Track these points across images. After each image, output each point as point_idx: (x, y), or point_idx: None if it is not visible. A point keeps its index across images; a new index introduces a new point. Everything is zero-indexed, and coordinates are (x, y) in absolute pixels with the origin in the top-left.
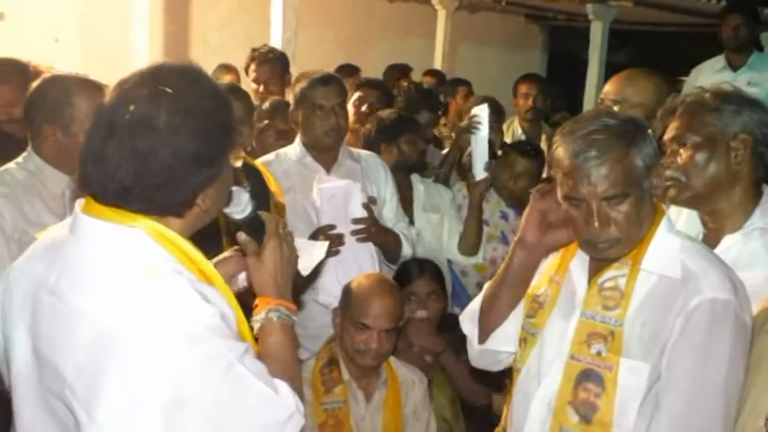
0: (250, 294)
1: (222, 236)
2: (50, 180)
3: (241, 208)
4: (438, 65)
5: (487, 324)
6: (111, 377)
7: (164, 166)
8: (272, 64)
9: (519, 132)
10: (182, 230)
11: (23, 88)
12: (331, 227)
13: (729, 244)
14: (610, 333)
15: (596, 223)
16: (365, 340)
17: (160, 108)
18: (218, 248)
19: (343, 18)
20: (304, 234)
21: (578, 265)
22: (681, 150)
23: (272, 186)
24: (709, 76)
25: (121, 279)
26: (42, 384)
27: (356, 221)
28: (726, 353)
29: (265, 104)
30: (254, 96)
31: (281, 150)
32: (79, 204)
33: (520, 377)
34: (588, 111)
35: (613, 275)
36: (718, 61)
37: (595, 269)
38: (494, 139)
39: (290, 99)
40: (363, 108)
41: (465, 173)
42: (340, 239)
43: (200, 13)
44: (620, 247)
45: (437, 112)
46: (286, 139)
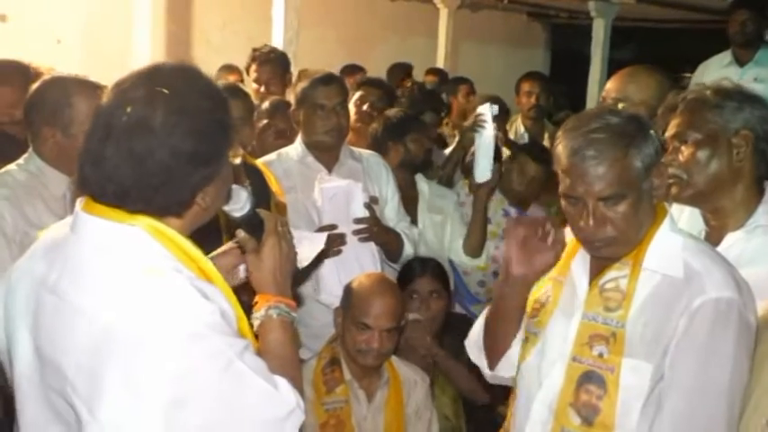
0: (249, 291)
1: (222, 234)
2: (51, 181)
3: (240, 206)
4: (441, 64)
5: (494, 351)
6: (112, 375)
7: (161, 166)
8: (273, 64)
9: (522, 131)
10: (181, 229)
11: (25, 90)
12: (332, 226)
13: (732, 242)
14: (611, 335)
15: (591, 222)
16: (366, 340)
17: (156, 109)
18: (218, 246)
19: (345, 17)
20: None
21: (579, 263)
22: (682, 148)
23: (274, 186)
24: (716, 71)
25: (122, 277)
26: (44, 382)
27: (358, 221)
28: (729, 353)
29: (265, 104)
30: (255, 96)
31: (282, 150)
32: (80, 203)
33: (522, 377)
34: (592, 108)
35: (614, 276)
36: (725, 57)
37: (596, 268)
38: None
39: (291, 99)
40: (365, 107)
41: (468, 172)
42: (341, 239)
43: (203, 12)
44: (616, 246)
45: (440, 112)
46: (285, 139)
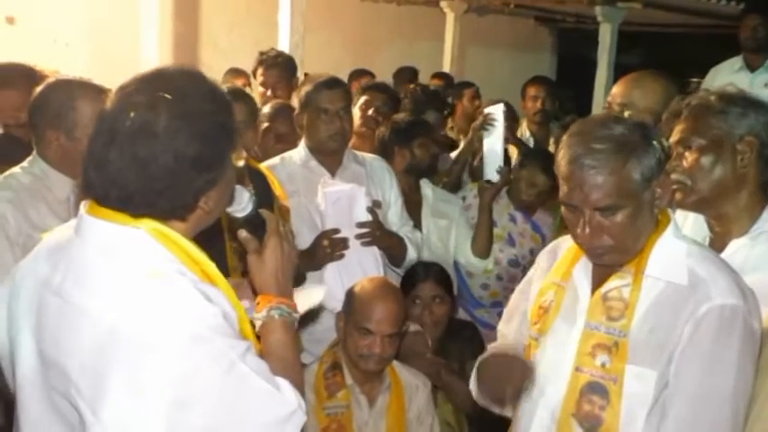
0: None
1: (224, 235)
2: (55, 184)
3: (242, 206)
4: (447, 68)
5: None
6: (116, 376)
7: (165, 171)
8: (280, 68)
9: (527, 135)
10: (185, 232)
11: (30, 93)
12: (335, 231)
13: (736, 248)
14: (614, 344)
15: (588, 231)
16: (368, 345)
17: (159, 114)
18: (221, 248)
19: (351, 22)
20: (308, 239)
21: (581, 270)
22: (686, 153)
23: (277, 190)
24: (727, 76)
25: (126, 279)
26: (47, 384)
27: (360, 225)
28: (734, 360)
29: (266, 108)
30: (262, 100)
31: (285, 154)
32: (84, 206)
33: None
34: (598, 114)
35: (617, 285)
36: (735, 62)
37: (599, 275)
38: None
39: (296, 103)
40: (370, 112)
41: (476, 174)
42: (344, 243)
43: (210, 16)
44: (615, 254)
45: (443, 111)
46: (286, 143)
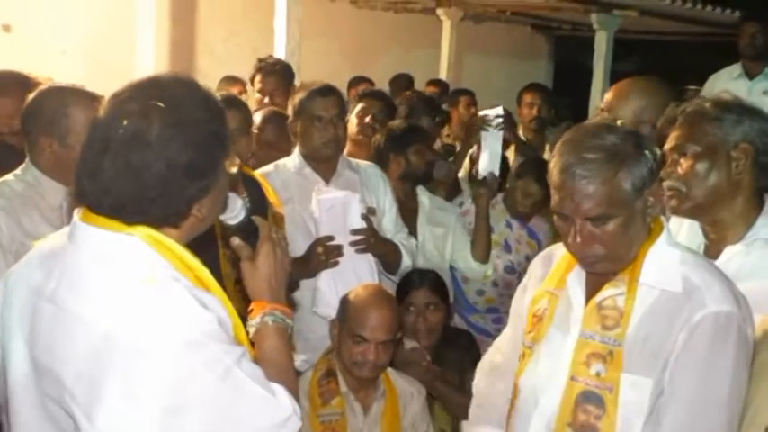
0: (243, 299)
1: (218, 243)
2: (49, 192)
3: (235, 213)
4: (443, 75)
5: None
6: (111, 382)
7: (158, 179)
8: (278, 75)
9: None
10: (178, 239)
11: (24, 101)
12: (330, 238)
13: (731, 255)
14: (609, 353)
15: (579, 240)
16: (362, 352)
17: (152, 122)
18: (214, 255)
19: (348, 29)
20: (303, 246)
21: (575, 278)
22: (681, 160)
23: (271, 197)
24: (726, 83)
25: (120, 286)
26: (40, 390)
27: (355, 232)
28: (729, 367)
29: (256, 115)
30: (259, 107)
31: (279, 161)
32: (77, 213)
33: (519, 392)
34: (591, 122)
35: (612, 294)
36: (734, 69)
37: (593, 284)
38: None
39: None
40: (367, 119)
41: (474, 180)
42: (339, 251)
43: (206, 24)
44: (606, 263)
45: (435, 117)
46: (276, 150)
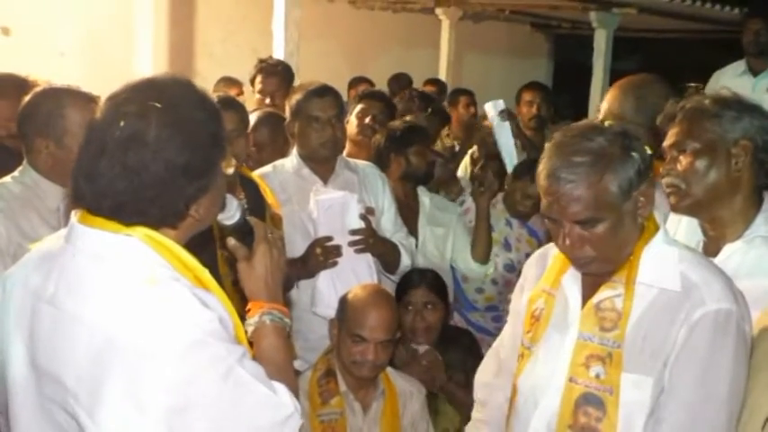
0: (240, 299)
1: (216, 243)
2: (46, 193)
3: (230, 214)
4: (443, 74)
5: None
6: (114, 383)
7: (156, 179)
8: (279, 76)
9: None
10: (176, 239)
11: (21, 103)
12: (328, 238)
13: (730, 252)
14: (608, 355)
15: (568, 243)
16: (361, 352)
17: (149, 123)
18: (212, 255)
19: (347, 30)
20: (302, 246)
21: (571, 277)
22: (680, 157)
23: (269, 198)
24: (730, 80)
25: (120, 287)
26: (41, 394)
27: (353, 232)
28: (729, 365)
29: (251, 116)
30: (259, 107)
31: (277, 162)
32: (75, 215)
33: (518, 394)
34: (580, 122)
35: (609, 296)
36: (738, 66)
37: (589, 283)
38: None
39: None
40: (367, 120)
41: (476, 180)
42: (337, 251)
43: (205, 25)
44: (598, 264)
45: (428, 109)
46: (270, 152)
